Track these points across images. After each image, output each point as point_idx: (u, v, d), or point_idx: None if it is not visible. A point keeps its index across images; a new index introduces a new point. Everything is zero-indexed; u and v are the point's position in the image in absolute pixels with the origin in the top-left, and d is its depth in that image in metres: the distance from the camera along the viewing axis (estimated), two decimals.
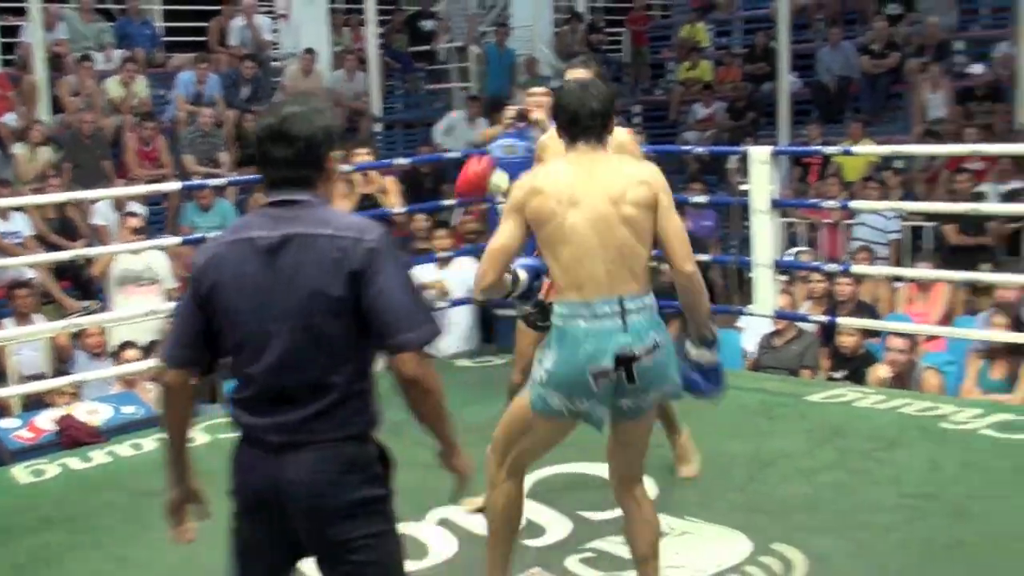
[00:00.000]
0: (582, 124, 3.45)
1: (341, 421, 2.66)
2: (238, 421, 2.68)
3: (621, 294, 3.33)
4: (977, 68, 12.42)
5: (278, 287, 2.57)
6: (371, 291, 2.54)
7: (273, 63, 13.58)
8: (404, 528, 4.39)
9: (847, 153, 9.82)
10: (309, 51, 12.86)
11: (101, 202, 9.60)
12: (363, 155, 7.72)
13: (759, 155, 6.23)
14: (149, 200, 10.20)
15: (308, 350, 2.58)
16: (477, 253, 7.86)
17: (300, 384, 2.60)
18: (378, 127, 13.65)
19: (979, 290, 7.71)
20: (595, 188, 3.37)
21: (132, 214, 9.06)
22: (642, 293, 3.38)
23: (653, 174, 3.46)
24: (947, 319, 7.84)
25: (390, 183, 7.96)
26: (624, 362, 3.33)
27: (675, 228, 3.44)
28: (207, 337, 2.65)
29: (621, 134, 4.51)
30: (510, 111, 7.05)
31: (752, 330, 7.72)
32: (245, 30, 13.01)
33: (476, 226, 8.54)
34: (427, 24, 15.25)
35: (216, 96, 11.95)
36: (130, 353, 6.93)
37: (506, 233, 3.47)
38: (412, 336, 2.57)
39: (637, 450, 3.58)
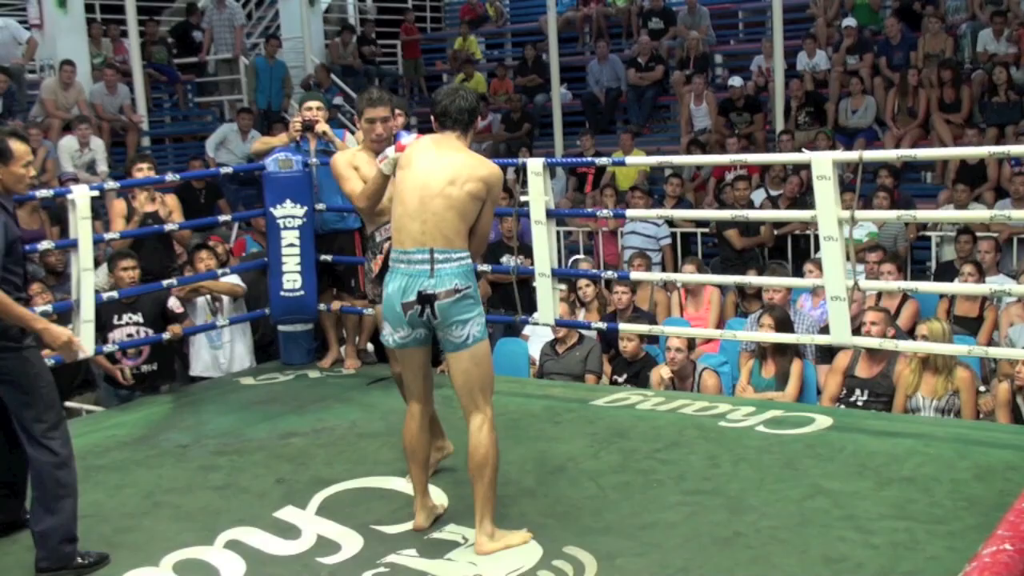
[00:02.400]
0: (452, 117, 4.36)
1: None
2: None
3: (432, 246, 4.17)
4: (736, 80, 12.97)
5: None
6: None
7: (29, 75, 12.93)
8: (192, 553, 4.30)
9: (618, 164, 10.10)
10: (68, 63, 12.30)
11: None
12: (145, 170, 7.47)
13: (534, 166, 6.34)
14: None
15: None
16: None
17: None
18: (146, 141, 13.18)
19: (748, 293, 8.05)
20: (436, 165, 4.25)
21: None
22: (451, 248, 4.19)
23: (493, 176, 4.32)
24: (720, 321, 8.15)
25: (170, 200, 7.74)
26: (426, 300, 4.17)
27: (483, 227, 4.35)
28: None
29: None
30: (296, 122, 6.92)
31: (537, 338, 7.84)
32: None
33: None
34: (195, 36, 14.86)
35: None
36: None
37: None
38: None
39: (463, 383, 4.28)
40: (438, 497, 4.71)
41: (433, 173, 4.23)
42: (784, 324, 6.63)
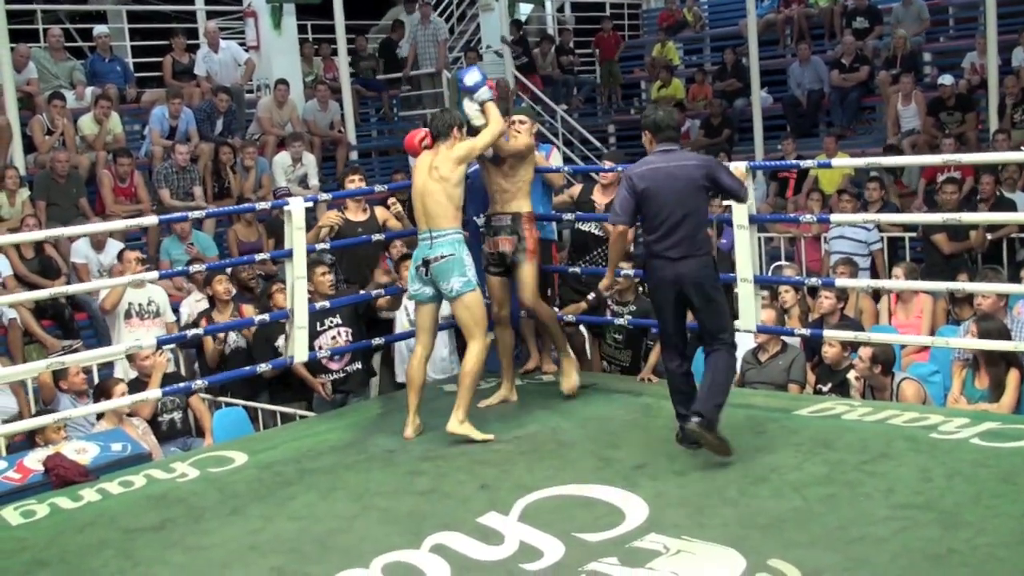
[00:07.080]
0: (436, 131, 6.10)
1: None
2: (651, 248, 5.46)
3: (430, 228, 5.97)
4: (947, 79, 12.49)
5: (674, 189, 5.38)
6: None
7: (247, 95, 13.55)
8: (401, 556, 4.43)
9: (824, 166, 9.86)
10: (282, 82, 12.84)
11: (79, 240, 9.54)
12: (356, 181, 7.78)
13: (735, 171, 6.25)
14: (127, 236, 10.15)
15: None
16: None
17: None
18: (354, 155, 13.63)
19: (959, 299, 7.74)
20: (425, 169, 6.02)
21: (127, 250, 8.99)
22: (442, 228, 5.94)
23: (447, 168, 5.96)
24: (931, 329, 7.86)
25: (380, 211, 7.99)
26: (426, 263, 5.95)
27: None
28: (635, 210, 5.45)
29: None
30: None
31: (739, 346, 7.71)
32: (210, 60, 12.94)
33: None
34: (398, 51, 15.27)
35: (191, 130, 11.92)
36: (119, 389, 6.86)
37: None
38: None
39: (462, 322, 6.05)
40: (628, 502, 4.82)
41: (424, 175, 6.01)
42: (995, 332, 6.33)
